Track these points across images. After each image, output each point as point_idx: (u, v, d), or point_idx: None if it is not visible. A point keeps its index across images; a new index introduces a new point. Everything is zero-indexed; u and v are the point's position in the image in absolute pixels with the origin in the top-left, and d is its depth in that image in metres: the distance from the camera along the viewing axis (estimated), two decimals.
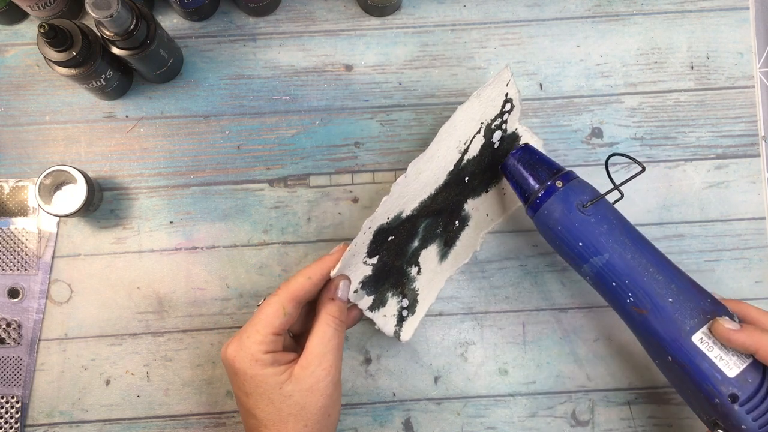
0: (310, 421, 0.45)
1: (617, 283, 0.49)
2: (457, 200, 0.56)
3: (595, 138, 0.61)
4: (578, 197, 0.50)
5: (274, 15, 0.62)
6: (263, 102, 0.61)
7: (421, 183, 0.52)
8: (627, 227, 0.50)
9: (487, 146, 0.56)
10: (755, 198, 0.61)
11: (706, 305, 0.47)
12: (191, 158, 0.60)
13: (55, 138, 0.60)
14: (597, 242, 0.49)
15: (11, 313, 0.59)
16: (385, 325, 0.55)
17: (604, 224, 0.49)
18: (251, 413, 0.46)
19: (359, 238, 0.48)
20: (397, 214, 0.51)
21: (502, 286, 0.60)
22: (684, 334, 0.46)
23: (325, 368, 0.46)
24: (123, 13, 0.48)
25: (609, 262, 0.49)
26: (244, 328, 0.47)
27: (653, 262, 0.48)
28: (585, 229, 0.49)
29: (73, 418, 0.58)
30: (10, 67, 0.60)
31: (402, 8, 0.62)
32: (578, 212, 0.50)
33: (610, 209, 0.51)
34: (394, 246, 0.53)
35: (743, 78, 0.62)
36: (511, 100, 0.55)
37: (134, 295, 0.59)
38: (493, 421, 0.59)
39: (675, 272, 0.48)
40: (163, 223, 0.60)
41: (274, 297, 0.47)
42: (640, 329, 0.49)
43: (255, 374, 0.45)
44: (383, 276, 0.53)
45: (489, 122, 0.55)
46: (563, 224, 0.50)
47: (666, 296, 0.47)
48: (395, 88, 0.61)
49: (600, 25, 0.62)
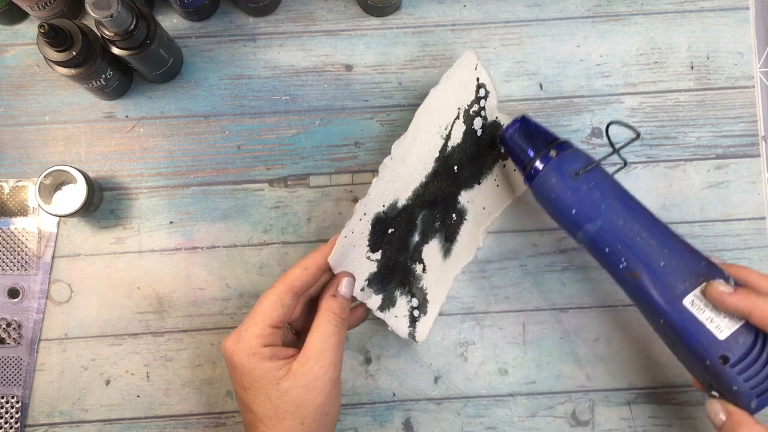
0: (307, 419, 0.45)
1: (610, 248, 0.49)
2: (451, 191, 0.57)
3: (595, 138, 0.61)
4: (571, 165, 0.51)
5: (274, 15, 0.62)
6: (263, 102, 0.61)
7: (409, 168, 0.52)
8: (621, 194, 0.51)
9: (469, 133, 0.56)
10: (755, 198, 0.61)
11: (699, 268, 0.47)
12: (191, 158, 0.60)
13: (55, 138, 0.60)
14: (589, 209, 0.50)
15: (11, 313, 0.59)
16: (398, 327, 0.55)
17: (597, 191, 0.50)
18: (249, 408, 0.46)
19: (354, 223, 0.49)
20: (393, 203, 0.52)
21: (502, 286, 0.60)
22: (675, 297, 0.47)
23: (324, 365, 0.45)
24: (123, 13, 0.48)
25: (601, 228, 0.49)
26: (242, 322, 0.47)
27: (646, 227, 0.49)
28: (577, 196, 0.50)
29: (73, 418, 0.58)
30: (10, 67, 0.60)
31: (402, 8, 0.62)
32: (571, 180, 0.50)
33: (605, 177, 0.51)
34: (396, 239, 0.53)
35: (743, 78, 0.62)
36: (483, 86, 0.56)
37: (134, 295, 0.59)
38: (493, 421, 0.59)
39: (669, 236, 0.49)
40: (163, 223, 0.60)
41: (272, 290, 0.46)
42: (633, 293, 0.49)
43: (253, 368, 0.45)
44: (389, 273, 0.53)
45: (466, 107, 0.55)
46: (557, 192, 0.51)
47: (658, 260, 0.47)
48: (395, 88, 0.61)
49: (600, 25, 0.62)
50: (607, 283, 0.60)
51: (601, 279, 0.60)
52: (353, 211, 0.49)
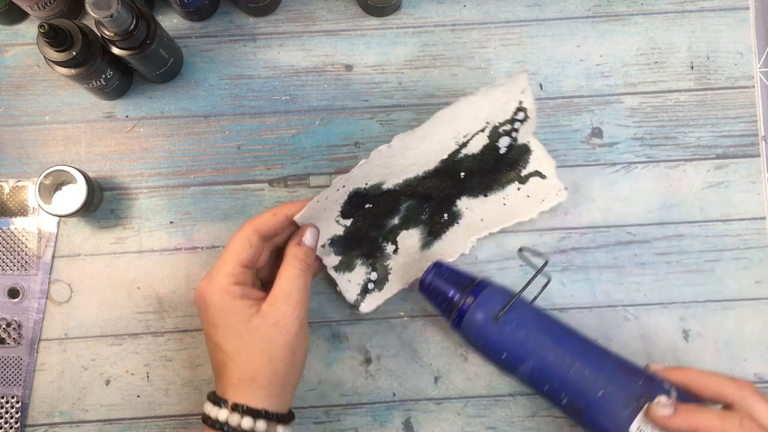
0: (275, 356, 0.46)
1: (549, 386, 0.48)
2: (449, 193, 0.57)
3: (595, 138, 0.61)
4: (490, 308, 0.49)
5: (274, 15, 0.62)
6: (263, 102, 0.61)
7: (408, 160, 0.52)
8: (545, 325, 0.50)
9: (490, 148, 0.56)
10: (755, 198, 0.61)
11: (637, 389, 0.46)
12: (191, 158, 0.60)
13: (55, 138, 0.60)
14: (518, 351, 0.49)
15: (11, 313, 0.59)
16: (348, 291, 0.56)
17: (521, 330, 0.49)
18: (219, 347, 0.47)
19: (330, 193, 0.50)
20: (377, 183, 0.53)
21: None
22: (620, 427, 0.45)
23: (291, 304, 0.47)
24: (123, 13, 0.48)
25: (534, 368, 0.48)
26: (213, 265, 0.48)
27: (578, 356, 0.48)
28: (503, 340, 0.49)
29: (73, 418, 0.58)
30: (10, 67, 0.60)
31: (402, 8, 0.62)
32: (492, 325, 0.49)
33: (526, 311, 0.50)
34: (371, 216, 0.54)
35: (743, 78, 0.62)
36: (525, 110, 0.55)
37: (134, 295, 0.59)
38: (493, 421, 0.59)
39: (602, 361, 0.48)
40: (163, 223, 0.60)
41: (239, 232, 0.48)
42: (582, 426, 0.48)
43: (224, 305, 0.46)
44: (354, 242, 0.55)
45: (497, 125, 0.55)
46: (483, 339, 0.50)
47: (596, 390, 0.46)
48: (395, 88, 0.61)
49: (600, 25, 0.62)
50: (607, 283, 0.60)
51: (601, 279, 0.60)
52: (331, 183, 0.50)
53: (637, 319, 0.59)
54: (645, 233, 0.60)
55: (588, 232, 0.60)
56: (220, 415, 0.45)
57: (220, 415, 0.45)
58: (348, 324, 0.59)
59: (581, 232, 0.60)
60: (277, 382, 0.46)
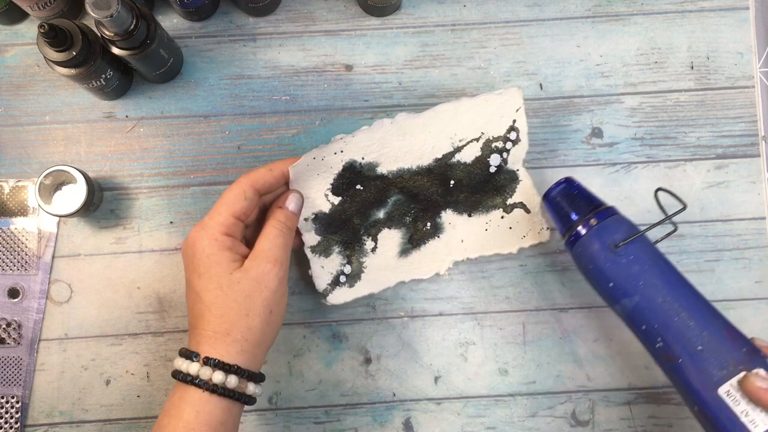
0: (252, 312, 0.47)
1: (647, 326, 0.47)
2: (436, 201, 0.57)
3: (595, 138, 0.61)
4: (611, 236, 0.49)
5: (274, 15, 0.62)
6: (263, 102, 0.61)
7: (406, 145, 0.53)
8: (662, 269, 0.49)
9: (481, 162, 0.56)
10: (755, 198, 0.61)
11: (739, 355, 0.45)
12: (191, 158, 0.60)
13: (55, 138, 0.60)
14: (627, 284, 0.48)
15: (11, 313, 0.59)
16: (319, 278, 0.56)
17: (636, 265, 0.48)
18: (199, 296, 0.47)
19: (327, 152, 0.51)
20: (373, 163, 0.53)
21: (502, 286, 0.60)
22: (711, 385, 0.44)
23: (272, 261, 0.48)
24: (123, 13, 0.48)
25: (639, 305, 0.48)
26: (207, 213, 0.49)
27: (686, 306, 0.47)
28: (615, 270, 0.48)
29: (73, 418, 0.58)
30: (10, 67, 0.60)
31: (402, 8, 0.62)
32: (609, 252, 0.48)
33: (646, 250, 0.49)
34: (360, 200, 0.54)
35: (743, 78, 0.62)
36: (518, 130, 0.55)
37: (134, 295, 0.59)
38: (493, 421, 0.59)
39: (709, 318, 0.47)
40: (163, 223, 0.60)
41: (235, 184, 0.49)
42: (669, 374, 0.48)
43: (212, 253, 0.47)
44: (337, 224, 0.55)
45: (491, 138, 0.55)
46: (595, 264, 0.49)
47: (696, 344, 0.45)
48: (395, 88, 0.61)
49: (600, 25, 0.62)
50: None
51: None
52: (331, 140, 0.50)
53: None
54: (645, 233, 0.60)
55: None
56: (191, 368, 0.45)
57: (191, 369, 0.45)
58: (348, 324, 0.59)
59: None
60: (252, 338, 0.47)
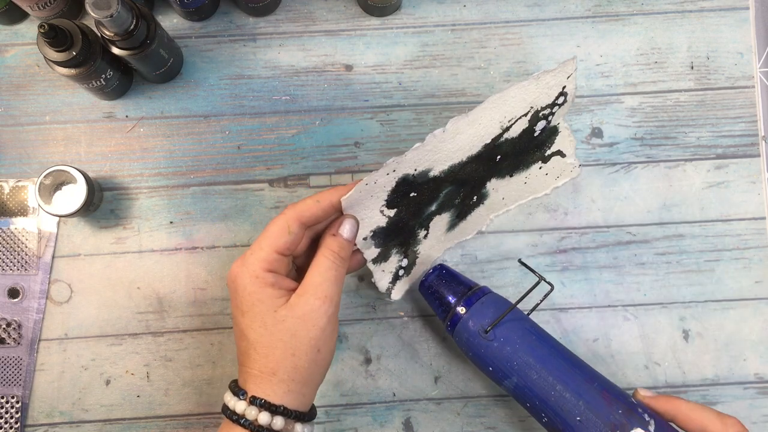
0: (299, 351, 0.44)
1: (530, 404, 0.49)
2: (482, 176, 0.56)
3: (595, 138, 0.61)
4: (480, 321, 0.50)
5: (274, 15, 0.62)
6: (263, 102, 0.61)
7: (456, 145, 0.51)
8: (532, 344, 0.49)
9: (528, 132, 0.55)
10: (755, 198, 0.61)
11: (616, 418, 0.45)
12: (191, 158, 0.60)
13: (55, 138, 0.60)
14: (503, 366, 0.49)
15: (11, 313, 0.59)
16: (381, 280, 0.55)
17: (507, 346, 0.49)
18: (244, 334, 0.46)
19: (380, 176, 0.47)
20: (425, 170, 0.50)
21: (502, 286, 0.60)
22: None
23: (320, 297, 0.45)
24: (123, 13, 0.48)
25: (518, 385, 0.49)
26: (249, 247, 0.46)
27: (560, 379, 0.47)
28: (489, 354, 0.49)
29: (73, 418, 0.58)
30: (10, 67, 0.60)
31: (402, 8, 0.62)
32: (480, 338, 0.49)
33: (516, 327, 0.50)
34: (414, 204, 0.52)
35: (743, 78, 0.62)
36: (566, 94, 0.54)
37: (134, 295, 0.59)
38: (493, 421, 0.59)
39: (584, 386, 0.47)
40: (163, 223, 0.60)
41: (281, 216, 0.46)
42: None
43: (254, 291, 0.45)
44: (395, 232, 0.53)
45: (539, 109, 0.54)
46: (471, 351, 0.50)
47: (575, 415, 0.46)
48: (395, 88, 0.61)
49: (600, 25, 0.62)
50: (607, 283, 0.60)
51: (601, 279, 0.60)
52: (383, 164, 0.47)
53: (637, 319, 0.59)
54: (645, 233, 0.60)
55: (588, 232, 0.60)
56: (237, 406, 0.44)
57: (238, 407, 0.44)
58: (348, 324, 0.59)
59: (581, 232, 0.60)
60: (299, 378, 0.45)
